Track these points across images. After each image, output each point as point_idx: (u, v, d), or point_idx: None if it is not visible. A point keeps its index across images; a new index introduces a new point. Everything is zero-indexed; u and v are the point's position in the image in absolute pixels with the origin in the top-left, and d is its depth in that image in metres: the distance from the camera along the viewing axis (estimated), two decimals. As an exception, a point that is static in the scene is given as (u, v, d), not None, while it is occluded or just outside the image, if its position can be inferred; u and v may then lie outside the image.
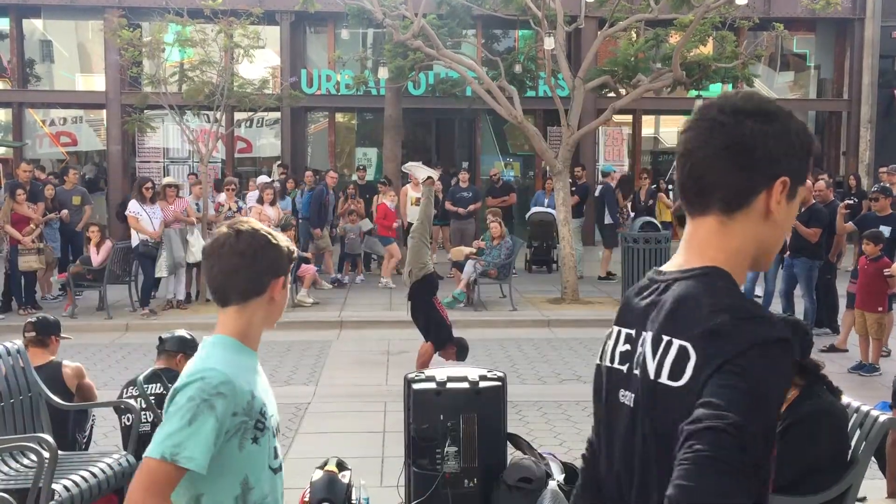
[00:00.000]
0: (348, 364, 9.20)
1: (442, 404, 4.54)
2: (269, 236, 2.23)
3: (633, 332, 1.64)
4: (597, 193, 15.26)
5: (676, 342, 1.49)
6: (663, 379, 1.49)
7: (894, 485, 4.85)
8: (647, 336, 1.56)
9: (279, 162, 17.89)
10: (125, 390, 5.04)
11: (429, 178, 7.94)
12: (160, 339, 5.19)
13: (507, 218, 14.48)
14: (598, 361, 1.75)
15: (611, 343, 1.70)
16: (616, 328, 1.70)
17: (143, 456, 2.03)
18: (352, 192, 14.71)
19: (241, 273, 2.19)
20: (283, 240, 2.28)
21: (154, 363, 5.19)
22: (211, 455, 2.02)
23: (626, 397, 1.61)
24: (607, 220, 14.63)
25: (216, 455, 2.04)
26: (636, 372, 1.58)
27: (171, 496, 2.01)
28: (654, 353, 1.53)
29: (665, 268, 1.66)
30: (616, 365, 1.66)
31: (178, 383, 2.08)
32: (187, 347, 5.13)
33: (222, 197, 13.37)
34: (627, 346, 1.64)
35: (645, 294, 1.65)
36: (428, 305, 7.60)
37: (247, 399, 2.11)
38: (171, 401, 2.06)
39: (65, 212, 12.63)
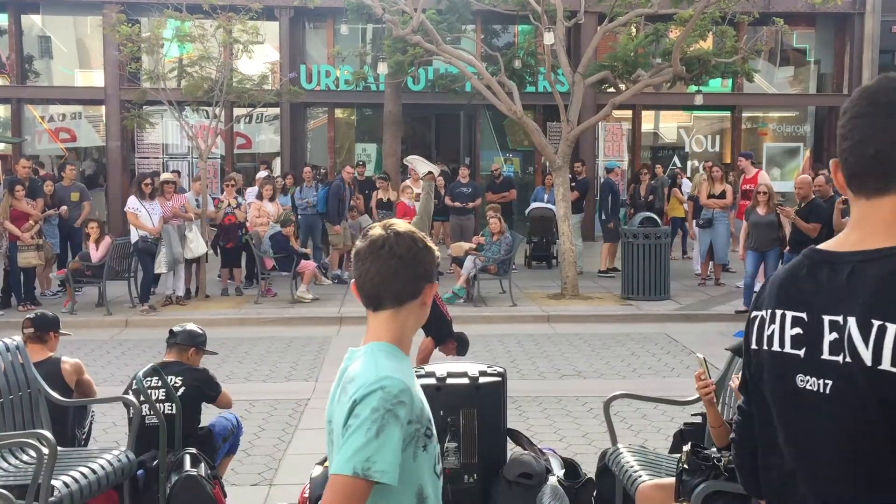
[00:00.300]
0: (348, 360, 9.18)
1: (442, 400, 4.53)
2: (425, 240, 2.15)
3: (804, 315, 1.63)
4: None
5: (892, 326, 1.48)
6: (885, 365, 1.48)
7: None
8: (851, 321, 1.54)
9: (264, 162, 17.87)
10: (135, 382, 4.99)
11: (429, 172, 7.93)
12: (171, 332, 5.18)
13: (506, 214, 14.47)
14: (753, 346, 1.75)
15: (774, 327, 1.69)
16: (778, 311, 1.69)
17: (332, 473, 1.95)
18: (350, 187, 14.68)
19: (400, 275, 2.09)
20: (433, 244, 2.19)
21: (164, 356, 5.15)
22: (399, 467, 1.93)
23: (811, 383, 1.61)
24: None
25: None
26: (836, 358, 1.56)
27: None
28: (867, 340, 1.51)
29: (833, 247, 1.65)
30: (788, 349, 1.65)
31: (355, 394, 1.97)
32: (198, 342, 5.16)
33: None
34: (798, 330, 1.64)
35: (817, 275, 1.63)
36: None
37: (419, 406, 2.02)
38: (350, 413, 1.96)
39: (63, 208, 12.62)
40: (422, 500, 2.03)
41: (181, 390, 4.86)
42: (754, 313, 1.76)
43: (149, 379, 4.82)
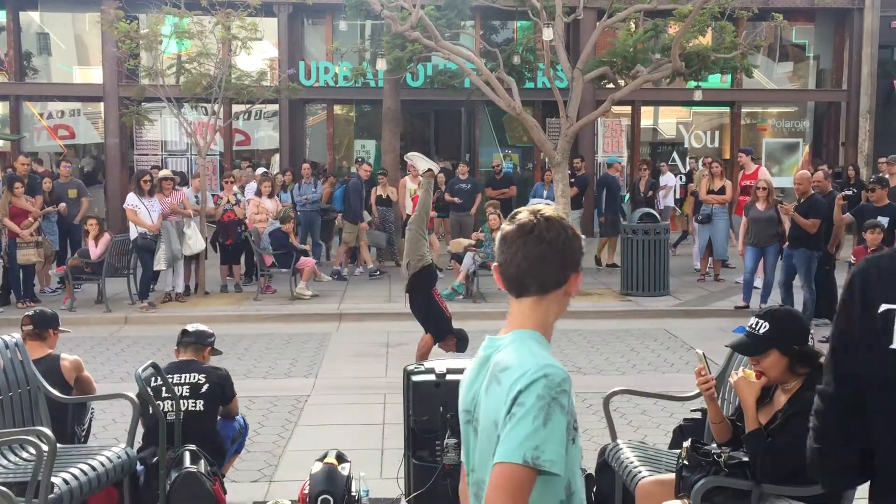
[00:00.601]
0: (348, 356, 9.20)
1: (441, 396, 4.53)
2: (574, 227, 2.10)
3: None
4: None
5: None
6: None
7: None
8: None
9: (246, 159, 17.85)
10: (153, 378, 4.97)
11: (429, 169, 7.92)
12: (185, 331, 5.19)
13: (506, 210, 14.44)
14: (892, 346, 1.71)
15: None
16: None
17: (498, 461, 1.88)
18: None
19: (548, 262, 2.03)
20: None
21: (179, 355, 5.14)
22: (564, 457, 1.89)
23: None
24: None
25: None
26: None
27: None
28: None
29: None
30: None
31: (517, 383, 1.92)
32: (212, 341, 5.22)
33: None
34: None
35: None
36: (427, 297, 7.60)
37: (572, 397, 1.99)
38: (514, 402, 1.90)
39: (62, 205, 12.61)
40: (570, 494, 2.00)
41: (205, 387, 4.88)
42: (886, 306, 1.69)
43: (171, 375, 4.85)
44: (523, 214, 2.08)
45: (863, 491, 3.83)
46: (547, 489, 1.92)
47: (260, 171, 15.00)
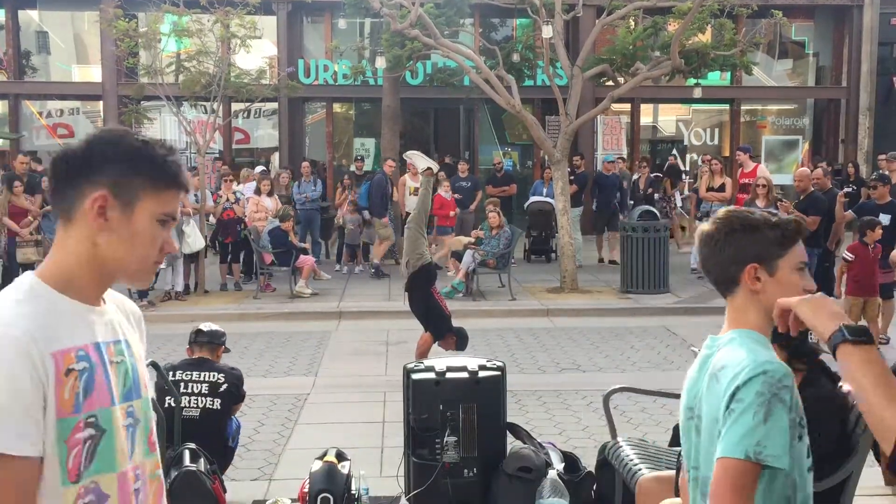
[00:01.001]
0: (347, 354, 9.20)
1: (441, 394, 4.53)
2: (744, 220, 2.09)
3: None
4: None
5: None
6: None
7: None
8: None
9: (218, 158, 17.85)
10: (170, 374, 4.99)
11: (428, 168, 7.92)
12: (199, 331, 5.25)
13: (506, 207, 14.47)
14: None
15: None
16: None
17: (720, 457, 1.91)
18: (348, 182, 14.69)
19: (721, 258, 2.07)
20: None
21: (193, 353, 5.20)
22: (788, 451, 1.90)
23: None
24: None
25: None
26: None
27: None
28: None
29: None
30: None
31: (736, 380, 1.94)
32: (224, 340, 5.29)
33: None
34: None
35: None
36: (426, 296, 7.60)
37: (796, 394, 1.97)
38: (732, 399, 1.92)
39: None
40: (795, 490, 2.00)
41: (223, 387, 4.93)
42: None
43: (189, 373, 4.90)
44: (722, 212, 2.14)
45: (861, 489, 3.83)
46: (772, 485, 1.95)
47: (259, 169, 15.01)
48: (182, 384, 4.88)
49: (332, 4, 17.28)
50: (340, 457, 4.64)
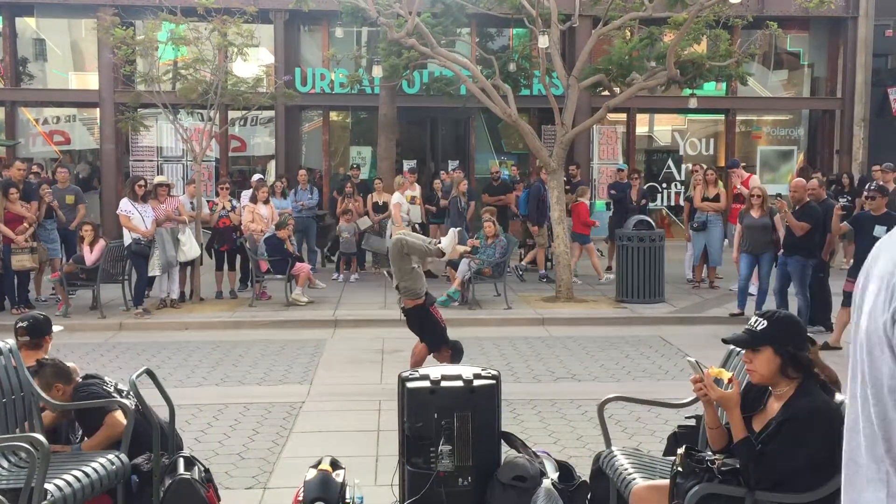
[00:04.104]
0: (343, 363, 9.19)
1: (436, 403, 4.53)
2: None
3: None
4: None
5: None
6: None
7: None
8: None
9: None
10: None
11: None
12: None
13: (502, 217, 14.51)
14: None
15: None
16: None
17: None
18: (349, 190, 14.71)
19: None
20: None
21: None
22: None
23: None
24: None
25: None
26: None
27: None
28: None
29: None
30: None
31: None
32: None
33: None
34: None
35: None
36: (423, 316, 7.55)
37: None
38: None
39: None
40: None
41: None
42: None
43: None
44: None
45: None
46: None
47: (256, 177, 15.02)
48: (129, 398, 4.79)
49: (329, 13, 17.30)
50: (335, 465, 4.63)
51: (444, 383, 4.58)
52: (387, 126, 16.41)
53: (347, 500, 4.48)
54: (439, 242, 7.66)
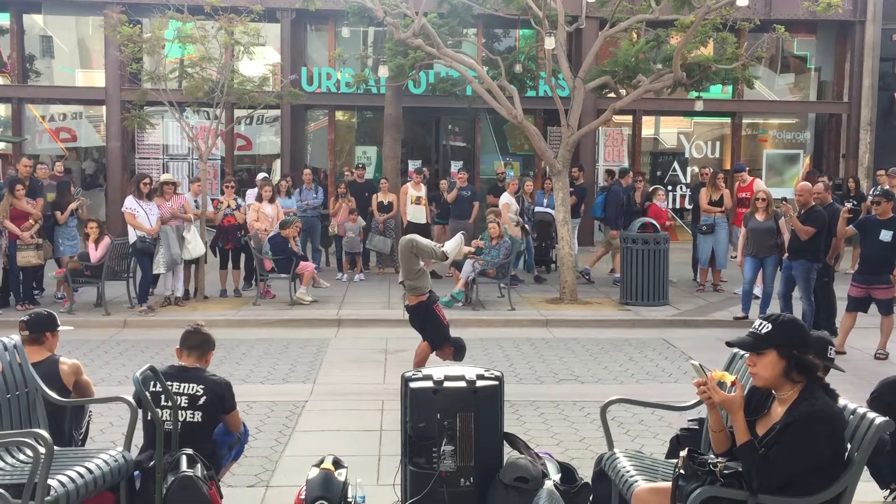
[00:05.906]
0: (346, 362, 9.19)
1: (439, 403, 4.53)
2: None
3: None
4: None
5: None
6: None
7: None
8: None
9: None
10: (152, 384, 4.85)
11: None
12: (189, 333, 4.98)
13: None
14: None
15: None
16: None
17: None
18: (342, 190, 14.72)
19: None
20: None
21: (181, 360, 4.94)
22: None
23: None
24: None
25: None
26: None
27: None
28: None
29: None
30: None
31: None
32: (214, 345, 5.09)
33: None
34: None
35: None
36: (425, 313, 7.56)
37: None
38: None
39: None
40: None
41: (202, 400, 4.74)
42: None
43: (171, 383, 4.71)
44: None
45: (856, 503, 3.83)
46: None
47: (261, 176, 15.03)
48: (163, 394, 4.68)
49: (336, 13, 17.31)
50: (337, 464, 4.63)
51: (447, 384, 4.58)
52: (392, 126, 16.41)
53: (349, 500, 4.48)
54: (443, 246, 7.70)
